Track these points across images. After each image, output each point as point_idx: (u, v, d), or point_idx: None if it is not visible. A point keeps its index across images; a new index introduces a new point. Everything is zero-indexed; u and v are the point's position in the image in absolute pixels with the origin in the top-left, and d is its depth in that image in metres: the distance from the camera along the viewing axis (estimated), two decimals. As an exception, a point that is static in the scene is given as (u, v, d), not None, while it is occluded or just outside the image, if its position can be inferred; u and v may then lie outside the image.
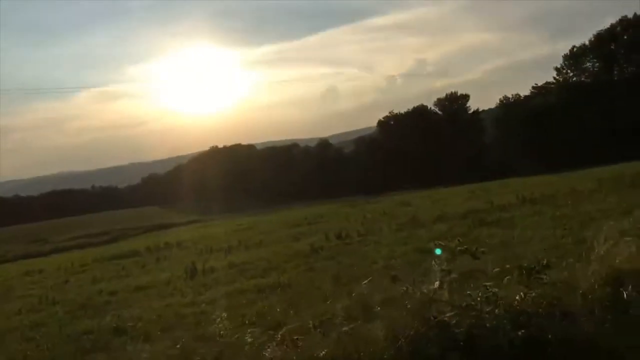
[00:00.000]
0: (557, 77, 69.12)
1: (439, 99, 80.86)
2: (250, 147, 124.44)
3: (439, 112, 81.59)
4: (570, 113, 64.02)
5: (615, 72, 65.07)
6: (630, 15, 64.36)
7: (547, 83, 71.57)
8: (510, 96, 74.72)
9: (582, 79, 67.86)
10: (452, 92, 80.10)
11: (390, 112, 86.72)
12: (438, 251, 4.74)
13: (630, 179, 21.38)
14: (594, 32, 66.64)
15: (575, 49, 67.62)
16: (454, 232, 14.10)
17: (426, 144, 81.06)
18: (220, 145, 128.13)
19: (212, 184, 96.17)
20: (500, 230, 13.01)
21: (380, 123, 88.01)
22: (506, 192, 26.83)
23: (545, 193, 21.95)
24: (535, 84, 73.66)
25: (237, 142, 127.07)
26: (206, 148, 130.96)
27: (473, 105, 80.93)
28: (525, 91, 76.05)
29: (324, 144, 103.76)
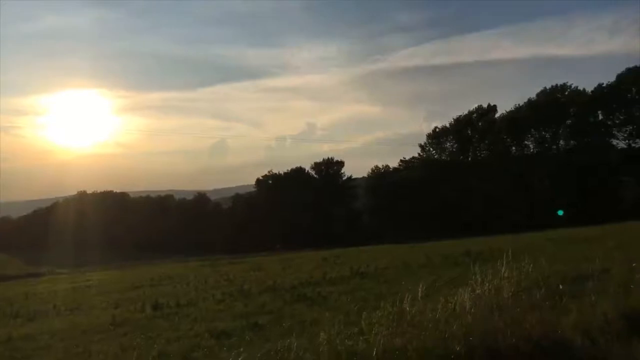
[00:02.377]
0: (421, 154, 75.10)
1: (316, 163, 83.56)
2: (123, 195, 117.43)
3: (315, 176, 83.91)
4: (430, 187, 69.43)
5: (470, 154, 72.27)
6: (485, 105, 73.13)
7: (413, 158, 77.34)
8: (381, 166, 79.44)
9: (443, 157, 74.37)
10: (328, 158, 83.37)
11: (269, 171, 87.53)
12: None
13: (454, 259, 22.84)
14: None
15: (437, 130, 74.42)
16: (268, 308, 13.75)
17: (302, 205, 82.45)
18: (90, 191, 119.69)
19: (74, 232, 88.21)
20: (307, 308, 12.87)
21: (258, 182, 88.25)
22: (349, 263, 27.46)
23: (379, 266, 22.74)
24: (403, 157, 79.37)
25: (112, 189, 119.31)
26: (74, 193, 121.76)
27: (354, 172, 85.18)
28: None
29: (201, 198, 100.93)
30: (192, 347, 9.27)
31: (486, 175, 67.38)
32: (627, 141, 62.23)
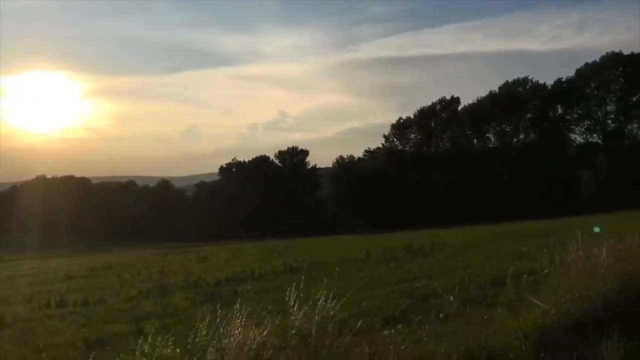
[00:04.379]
0: (385, 144, 74.84)
1: (280, 152, 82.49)
2: (84, 180, 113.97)
3: (280, 164, 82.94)
4: (393, 177, 69.30)
5: (433, 145, 72.36)
6: (448, 97, 73.16)
7: (378, 148, 77.05)
8: (345, 156, 78.93)
9: (407, 147, 74.25)
10: (293, 146, 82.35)
11: (233, 159, 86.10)
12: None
13: (392, 254, 22.40)
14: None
15: (401, 120, 74.19)
16: (172, 309, 12.92)
17: (266, 194, 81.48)
18: (50, 176, 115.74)
19: (32, 218, 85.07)
20: (211, 311, 12.05)
21: (222, 169, 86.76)
22: (294, 255, 26.85)
23: (317, 260, 22.13)
24: (368, 148, 79.02)
25: (78, 174, 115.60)
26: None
27: (325, 162, 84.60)
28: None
29: (164, 184, 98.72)
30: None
31: (448, 167, 67.66)
32: (584, 136, 63.29)
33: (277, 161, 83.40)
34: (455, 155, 67.80)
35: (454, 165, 66.49)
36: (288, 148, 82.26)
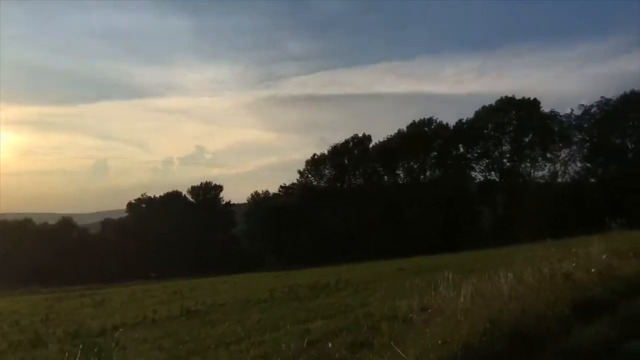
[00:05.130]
0: (300, 180, 75.43)
1: (193, 187, 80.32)
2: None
3: (192, 200, 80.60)
4: (307, 213, 69.69)
5: (346, 181, 73.97)
6: (360, 134, 75.60)
7: (293, 184, 77.39)
8: (261, 192, 78.43)
9: (321, 183, 75.29)
10: (206, 182, 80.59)
11: (142, 195, 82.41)
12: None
13: (296, 290, 22.13)
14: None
15: (316, 157, 75.35)
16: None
17: (178, 231, 78.49)
18: None
19: None
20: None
21: (130, 205, 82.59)
22: (198, 296, 25.77)
23: (218, 302, 21.35)
24: (284, 183, 79.15)
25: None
26: None
27: (242, 198, 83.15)
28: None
29: (65, 222, 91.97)
30: None
31: (361, 203, 69.25)
32: (484, 173, 67.81)
33: (189, 197, 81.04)
34: (367, 190, 69.71)
35: (366, 201, 68.23)
36: (201, 183, 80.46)
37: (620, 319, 7.67)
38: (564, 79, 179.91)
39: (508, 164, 67.06)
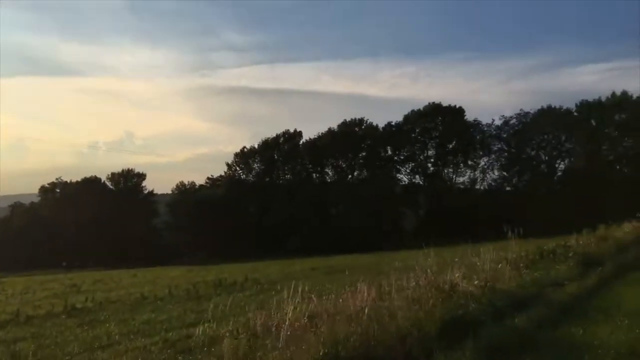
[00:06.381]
0: (228, 172, 73.69)
1: (113, 174, 76.36)
2: None
3: (112, 188, 76.64)
4: (233, 206, 68.24)
5: (274, 176, 73.13)
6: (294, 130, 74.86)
7: (220, 176, 75.52)
8: (186, 183, 75.89)
9: (249, 177, 73.97)
10: (128, 169, 76.83)
11: (57, 179, 77.31)
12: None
13: (198, 287, 21.21)
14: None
15: (245, 150, 73.91)
16: None
17: (95, 220, 74.33)
18: None
19: None
20: None
21: (43, 190, 77.25)
22: (97, 290, 24.17)
23: (111, 298, 19.97)
24: (211, 175, 77.05)
25: None
26: None
27: (167, 187, 79.63)
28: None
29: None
30: None
31: (288, 199, 68.65)
32: (409, 176, 69.32)
33: (109, 184, 76.98)
34: (294, 187, 69.26)
35: (293, 197, 67.77)
36: (123, 170, 76.63)
37: (483, 346, 6.85)
38: (489, 91, 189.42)
39: (432, 168, 68.93)
